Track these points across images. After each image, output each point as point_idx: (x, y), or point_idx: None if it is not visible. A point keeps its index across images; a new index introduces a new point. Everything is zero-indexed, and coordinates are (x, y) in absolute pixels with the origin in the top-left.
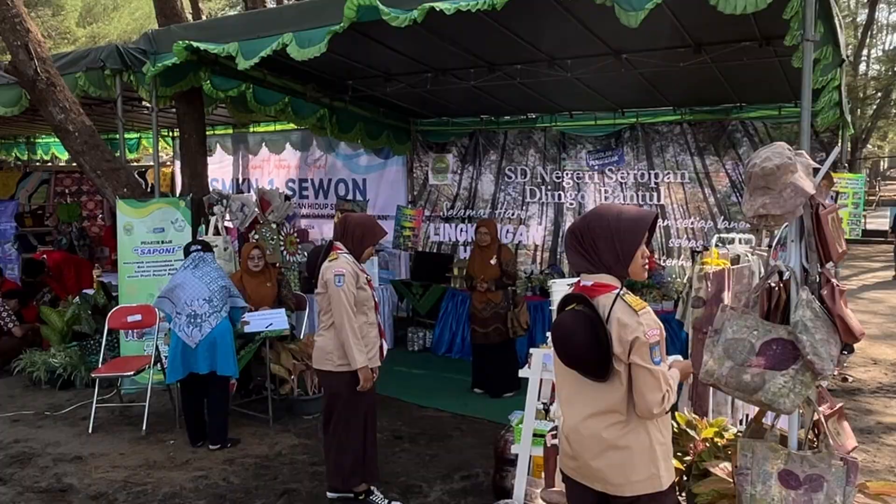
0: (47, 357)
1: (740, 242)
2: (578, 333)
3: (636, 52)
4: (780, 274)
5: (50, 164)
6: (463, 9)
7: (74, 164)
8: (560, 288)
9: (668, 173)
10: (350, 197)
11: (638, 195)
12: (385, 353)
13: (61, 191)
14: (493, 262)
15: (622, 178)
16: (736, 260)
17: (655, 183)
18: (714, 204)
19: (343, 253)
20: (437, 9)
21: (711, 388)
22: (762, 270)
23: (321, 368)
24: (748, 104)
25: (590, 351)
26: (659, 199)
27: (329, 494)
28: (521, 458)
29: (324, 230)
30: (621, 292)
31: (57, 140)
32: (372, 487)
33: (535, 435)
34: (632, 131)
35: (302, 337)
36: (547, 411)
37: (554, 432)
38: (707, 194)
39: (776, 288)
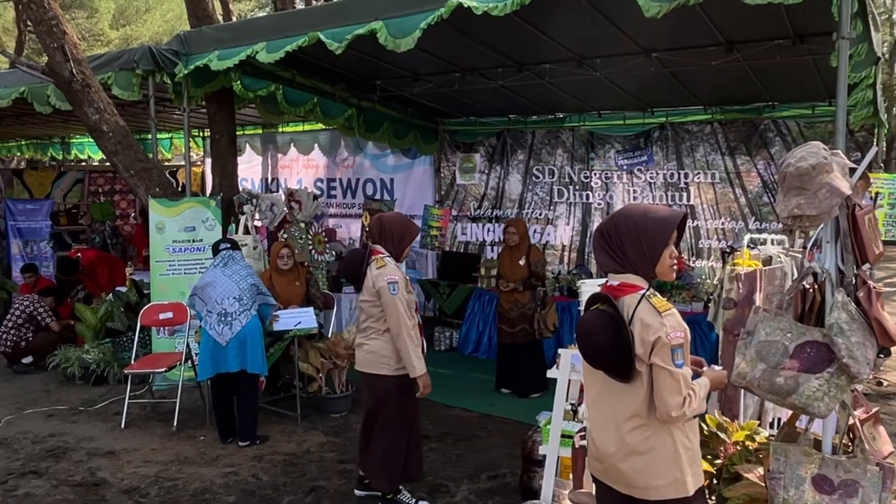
0: (81, 353)
1: (772, 243)
2: (600, 333)
3: (666, 51)
4: (815, 275)
5: (84, 163)
6: (492, 13)
7: (108, 164)
8: (589, 288)
9: (699, 173)
10: (378, 196)
11: (667, 195)
12: (425, 351)
13: (95, 190)
14: (521, 262)
15: (651, 178)
16: (768, 261)
17: (685, 183)
18: (745, 204)
19: (387, 257)
20: (465, 5)
21: (742, 391)
22: (795, 272)
23: (374, 372)
24: (781, 103)
25: (612, 351)
26: (688, 200)
27: (357, 492)
28: (549, 458)
29: (351, 229)
30: (647, 293)
31: (91, 140)
32: (400, 486)
33: (563, 436)
34: (661, 131)
35: (330, 335)
36: (575, 412)
37: (582, 433)
38: (738, 194)
39: (811, 290)
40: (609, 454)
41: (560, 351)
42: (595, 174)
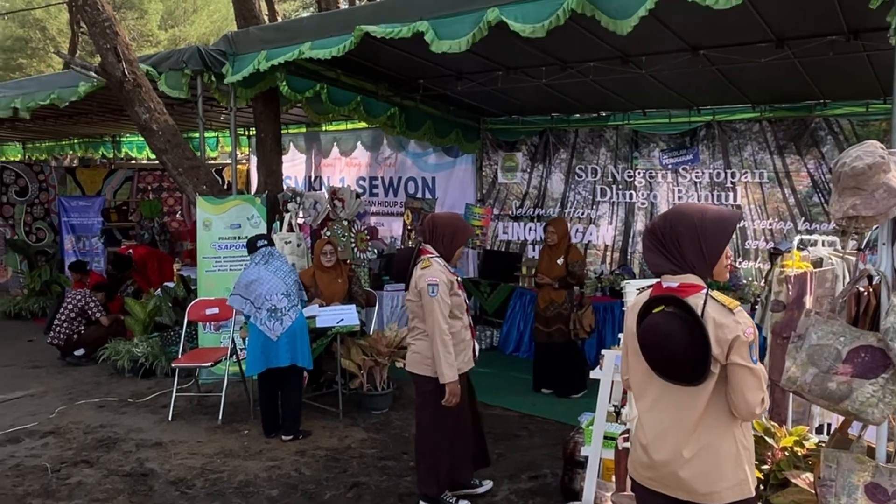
0: (131, 346)
1: (823, 244)
2: (675, 336)
3: (714, 48)
4: (870, 278)
5: (133, 161)
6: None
7: (157, 162)
8: (633, 289)
9: (746, 172)
10: (419, 195)
11: (713, 195)
12: (477, 354)
13: (144, 187)
14: (560, 261)
15: (697, 177)
16: (818, 263)
17: (732, 182)
18: (794, 204)
19: (434, 258)
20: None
21: (790, 395)
22: (847, 274)
23: (418, 373)
24: (833, 101)
25: (688, 353)
26: (735, 200)
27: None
28: (592, 460)
29: (393, 228)
30: (710, 292)
31: (140, 139)
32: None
33: (605, 437)
34: (708, 129)
35: (371, 333)
36: (618, 414)
37: (626, 435)
38: (787, 194)
39: (865, 293)
40: (667, 461)
41: (603, 352)
42: (639, 173)
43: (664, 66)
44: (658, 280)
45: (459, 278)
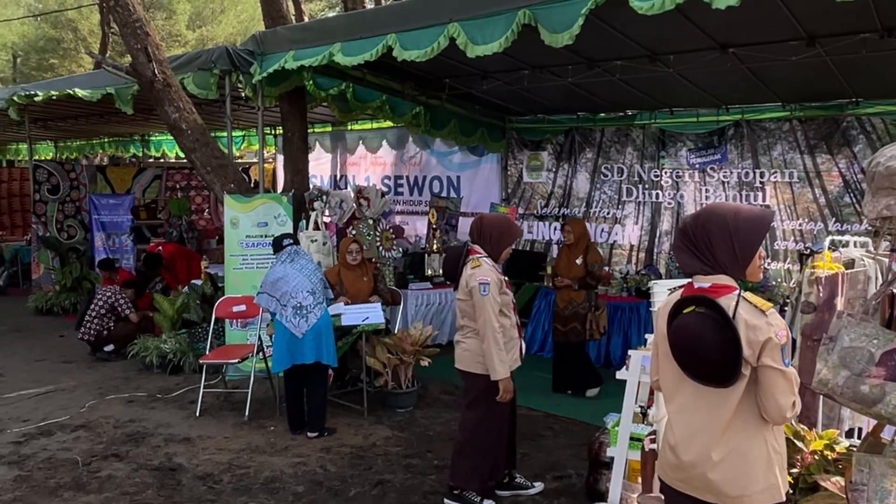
0: (159, 343)
1: (855, 245)
2: (707, 337)
3: (744, 46)
4: None
5: (162, 160)
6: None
7: (185, 161)
8: (661, 289)
9: (775, 172)
10: (444, 194)
11: (741, 195)
12: (523, 353)
13: (172, 186)
14: (578, 261)
15: (725, 176)
16: (850, 264)
17: (761, 182)
18: (824, 205)
19: (483, 257)
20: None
21: (820, 398)
22: (880, 276)
23: (468, 370)
24: (865, 99)
25: (720, 355)
26: (764, 200)
27: (447, 502)
28: (617, 461)
29: (417, 227)
30: (742, 293)
31: (168, 138)
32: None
33: (632, 438)
34: (736, 128)
35: (396, 331)
36: (645, 415)
37: (652, 436)
38: (817, 194)
39: None
40: (696, 463)
41: (630, 352)
42: (665, 173)
43: (692, 64)
44: (689, 280)
45: (506, 279)
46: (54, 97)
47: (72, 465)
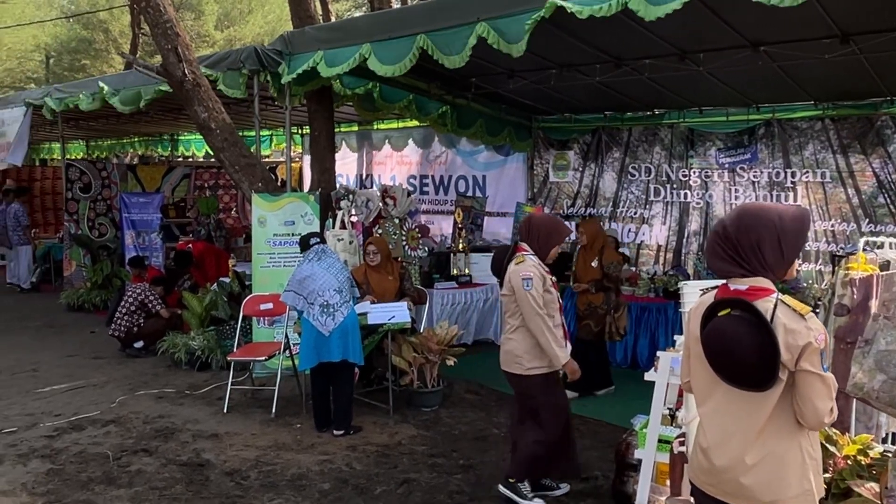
0: (188, 340)
1: (891, 247)
2: (744, 341)
3: (775, 44)
4: None
5: (191, 159)
6: (597, 14)
7: (213, 160)
8: (692, 290)
9: (807, 172)
10: (470, 193)
11: (772, 195)
12: (569, 352)
13: (201, 185)
14: (594, 264)
15: (755, 176)
16: (885, 265)
17: (792, 182)
18: (858, 205)
19: (529, 255)
20: (569, 10)
21: (854, 402)
22: None
23: (511, 371)
24: None
25: (756, 359)
26: (795, 200)
27: (501, 488)
28: (645, 463)
29: (443, 226)
30: (780, 296)
31: (197, 137)
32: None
33: (660, 441)
34: (767, 127)
35: (422, 330)
36: (673, 417)
37: (681, 439)
38: (850, 195)
39: None
40: (729, 468)
41: (659, 353)
42: (694, 172)
43: (723, 62)
44: (722, 282)
45: (554, 278)
46: (92, 105)
47: (102, 460)
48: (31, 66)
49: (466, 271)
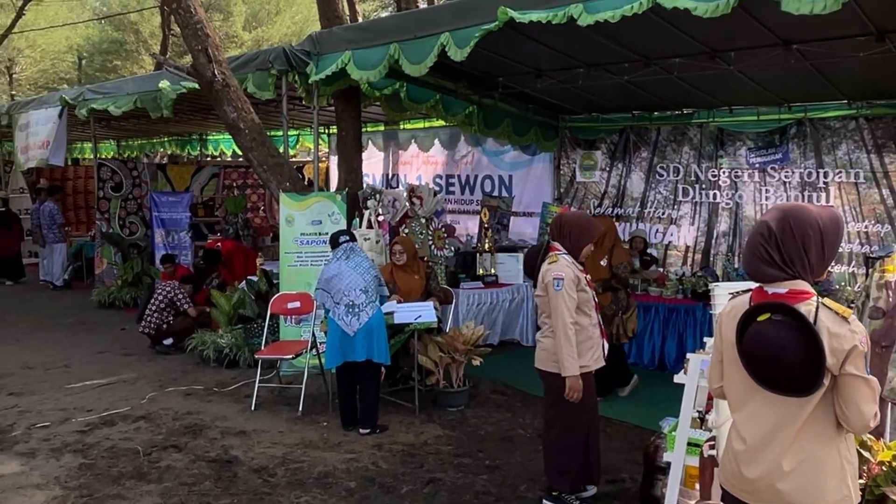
0: (216, 337)
1: None
2: (787, 346)
3: (808, 42)
4: None
5: (219, 159)
6: (628, 13)
7: (241, 160)
8: (723, 292)
9: (840, 172)
10: (496, 193)
11: (803, 195)
12: (606, 352)
13: (229, 184)
14: (602, 263)
15: (786, 176)
16: None
17: (824, 182)
18: (893, 206)
19: (562, 254)
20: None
21: (890, 407)
22: None
23: (545, 370)
24: None
25: (801, 365)
26: (828, 200)
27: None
28: (674, 466)
29: (469, 226)
30: (820, 299)
31: (225, 137)
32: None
33: (689, 444)
34: (799, 127)
35: (448, 330)
36: (703, 420)
37: (712, 443)
38: (885, 195)
39: None
40: (766, 474)
41: (688, 356)
42: (723, 172)
43: (754, 61)
44: (756, 285)
45: (588, 277)
46: (127, 109)
47: (133, 455)
48: (63, 66)
49: (493, 271)
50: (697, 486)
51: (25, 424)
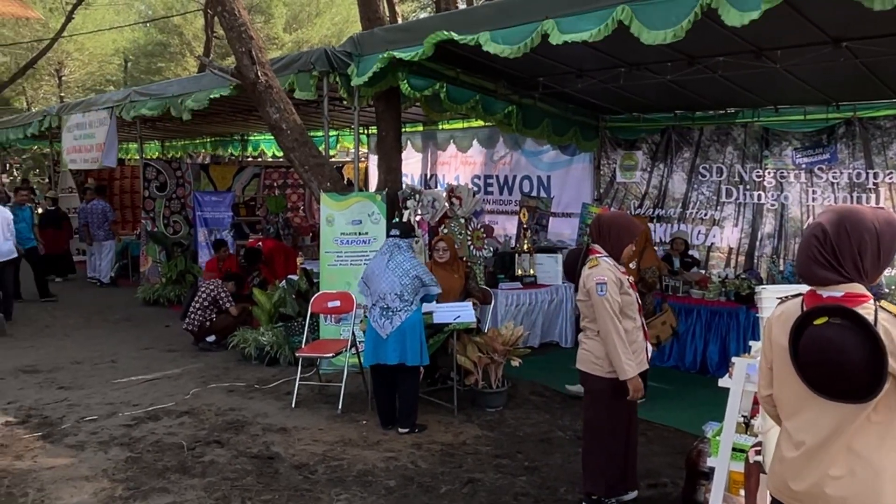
0: (257, 335)
1: None
2: (851, 350)
3: (859, 40)
4: None
5: (260, 159)
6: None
7: (282, 160)
8: (770, 295)
9: (890, 173)
10: (534, 194)
11: (852, 196)
12: (650, 355)
13: (270, 184)
14: (632, 265)
15: (834, 177)
16: None
17: (874, 183)
18: None
19: (602, 257)
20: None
21: None
22: None
23: (588, 371)
24: None
25: (865, 369)
26: (878, 202)
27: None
28: (719, 471)
29: (507, 227)
30: (878, 302)
31: (266, 138)
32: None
33: (734, 449)
34: (847, 126)
35: (486, 330)
36: (748, 425)
37: (757, 448)
38: None
39: None
40: (820, 481)
41: (734, 360)
42: (769, 173)
43: (801, 59)
44: (809, 288)
45: (632, 279)
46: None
47: (177, 450)
48: (110, 69)
49: (531, 272)
50: (742, 492)
51: (75, 418)
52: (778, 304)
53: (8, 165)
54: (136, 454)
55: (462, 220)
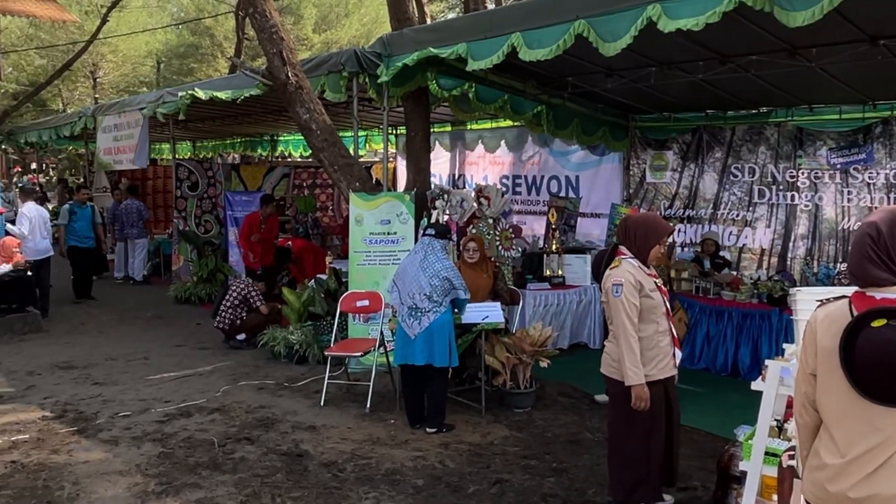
0: (286, 334)
1: None
2: None
3: None
4: None
5: (289, 159)
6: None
7: (311, 160)
8: (807, 298)
9: None
10: (563, 194)
11: (889, 197)
12: (678, 361)
13: (299, 184)
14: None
15: (870, 178)
16: None
17: None
18: None
19: (627, 258)
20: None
21: None
22: None
23: (606, 374)
24: None
25: None
26: None
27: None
28: (751, 476)
29: (535, 227)
30: None
31: (295, 138)
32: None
33: (767, 453)
34: (885, 126)
35: (515, 331)
36: (781, 429)
37: (791, 452)
38: None
39: None
40: (868, 489)
41: (767, 362)
42: (802, 173)
43: (837, 58)
44: (856, 289)
45: (659, 280)
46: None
47: (208, 446)
48: (143, 70)
49: (560, 272)
50: (775, 496)
51: (109, 413)
52: (818, 306)
53: (44, 165)
54: (169, 450)
55: (490, 221)
